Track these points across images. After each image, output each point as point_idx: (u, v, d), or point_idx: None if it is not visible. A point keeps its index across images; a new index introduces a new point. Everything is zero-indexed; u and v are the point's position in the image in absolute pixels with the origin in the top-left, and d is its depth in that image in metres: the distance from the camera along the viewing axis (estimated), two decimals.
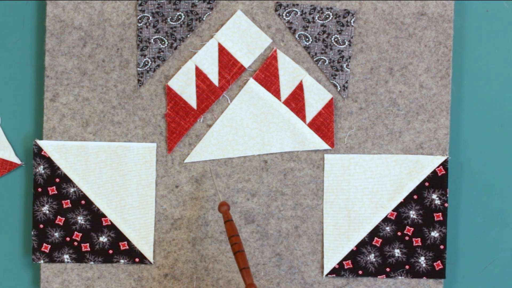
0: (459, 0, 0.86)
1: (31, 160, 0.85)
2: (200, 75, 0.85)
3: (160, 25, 0.84)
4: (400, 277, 0.85)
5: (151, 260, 0.85)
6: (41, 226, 0.84)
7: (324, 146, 0.85)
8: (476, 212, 0.87)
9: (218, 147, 0.85)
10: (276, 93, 0.85)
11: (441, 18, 0.85)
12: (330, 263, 0.85)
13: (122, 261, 0.85)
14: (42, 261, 0.84)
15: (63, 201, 0.84)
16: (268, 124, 0.85)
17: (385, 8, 0.85)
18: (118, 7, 0.84)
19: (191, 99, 0.85)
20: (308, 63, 0.85)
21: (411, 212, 0.85)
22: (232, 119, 0.85)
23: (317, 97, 0.85)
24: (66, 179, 0.84)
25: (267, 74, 0.85)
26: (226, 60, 0.85)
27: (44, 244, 0.84)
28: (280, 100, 0.85)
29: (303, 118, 0.85)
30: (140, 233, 0.85)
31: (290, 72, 0.85)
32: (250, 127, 0.85)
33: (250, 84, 0.85)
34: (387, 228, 0.85)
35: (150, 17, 0.84)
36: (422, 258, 0.85)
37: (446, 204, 0.85)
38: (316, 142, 0.85)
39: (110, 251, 0.85)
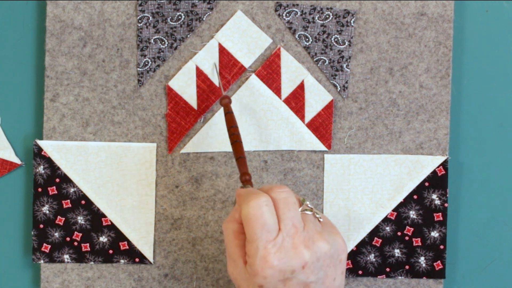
0: (459, 0, 0.86)
1: (31, 160, 0.85)
2: (200, 75, 0.85)
3: (160, 25, 0.84)
4: (400, 277, 0.85)
5: (151, 260, 0.85)
6: (41, 226, 0.84)
7: (321, 147, 0.85)
8: (476, 212, 0.87)
9: (215, 140, 0.85)
10: (277, 91, 0.85)
11: (441, 18, 0.85)
12: None
13: (122, 261, 0.85)
14: (42, 261, 0.84)
15: (63, 201, 0.84)
16: (266, 121, 0.85)
17: (385, 8, 0.85)
18: (118, 7, 0.84)
19: (192, 99, 0.85)
20: (308, 63, 0.85)
21: (411, 212, 0.85)
22: None
23: (317, 98, 0.85)
24: (66, 179, 0.84)
25: (269, 71, 0.85)
26: (226, 60, 0.85)
27: (44, 244, 0.84)
28: (280, 98, 0.85)
29: (302, 118, 0.85)
30: (140, 233, 0.85)
31: (292, 71, 0.85)
32: (249, 123, 0.85)
33: (251, 80, 0.85)
34: (387, 228, 0.85)
35: (150, 17, 0.84)
36: (422, 258, 0.85)
37: (446, 204, 0.85)
38: (313, 142, 0.85)
39: (110, 251, 0.85)
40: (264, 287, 0.65)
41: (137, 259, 0.85)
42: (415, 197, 0.85)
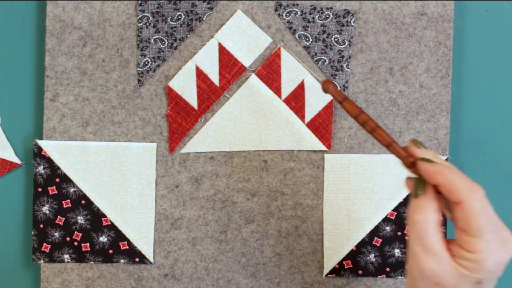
0: (459, 0, 0.86)
1: (31, 160, 0.85)
2: (200, 75, 0.85)
3: (160, 25, 0.84)
4: (400, 277, 0.85)
5: (151, 260, 0.85)
6: (41, 226, 0.84)
7: (321, 147, 0.85)
8: None
9: (215, 140, 0.85)
10: (277, 90, 0.85)
11: (441, 18, 0.85)
12: (330, 263, 0.85)
13: (122, 261, 0.85)
14: (42, 261, 0.84)
15: (63, 201, 0.84)
16: (266, 121, 0.85)
17: (385, 8, 0.85)
18: (118, 7, 0.84)
19: (192, 99, 0.85)
20: (308, 63, 0.85)
21: None
22: (232, 113, 0.85)
23: (317, 98, 0.85)
24: (66, 179, 0.84)
25: (269, 71, 0.85)
26: (226, 60, 0.85)
27: (44, 244, 0.84)
28: (280, 98, 0.85)
29: (302, 117, 0.85)
30: (140, 233, 0.85)
31: (292, 71, 0.85)
32: (249, 123, 0.85)
33: (251, 79, 0.85)
34: (387, 228, 0.85)
35: (150, 17, 0.84)
36: None
37: None
38: (313, 142, 0.85)
39: (110, 251, 0.85)
40: (483, 282, 0.62)
41: (137, 259, 0.85)
42: None
